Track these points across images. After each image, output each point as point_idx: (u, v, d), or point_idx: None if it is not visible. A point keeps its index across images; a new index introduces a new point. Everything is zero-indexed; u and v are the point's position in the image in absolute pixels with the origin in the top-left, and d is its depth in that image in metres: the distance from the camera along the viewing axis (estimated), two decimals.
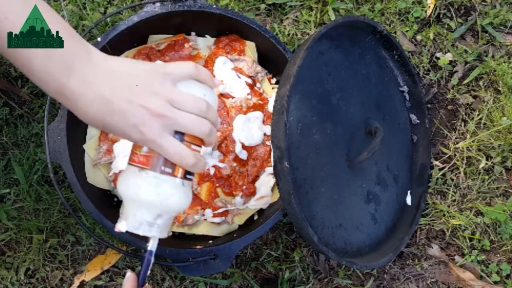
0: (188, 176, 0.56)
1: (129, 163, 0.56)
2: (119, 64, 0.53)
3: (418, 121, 0.93)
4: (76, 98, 0.50)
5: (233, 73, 0.87)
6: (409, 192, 0.91)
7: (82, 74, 0.50)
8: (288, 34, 0.99)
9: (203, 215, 0.83)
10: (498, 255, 0.91)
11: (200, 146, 0.56)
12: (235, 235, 0.82)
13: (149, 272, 0.57)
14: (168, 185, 0.54)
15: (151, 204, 0.54)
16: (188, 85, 0.55)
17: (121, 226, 0.56)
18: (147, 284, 0.58)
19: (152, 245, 0.57)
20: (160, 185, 0.54)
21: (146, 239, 0.58)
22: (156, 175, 0.54)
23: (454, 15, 1.02)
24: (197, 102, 0.54)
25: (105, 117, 0.51)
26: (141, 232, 0.55)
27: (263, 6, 1.00)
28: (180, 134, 0.53)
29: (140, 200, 0.54)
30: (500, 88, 0.98)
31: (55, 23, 0.50)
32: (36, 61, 0.48)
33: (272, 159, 0.81)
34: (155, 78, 0.52)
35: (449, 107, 0.99)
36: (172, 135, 0.53)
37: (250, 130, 0.84)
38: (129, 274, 0.57)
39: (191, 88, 0.55)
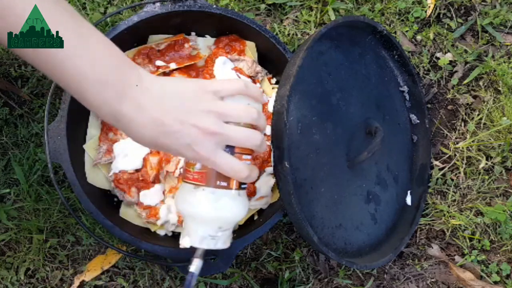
0: (243, 186, 0.58)
1: (184, 181, 0.57)
2: (169, 85, 0.54)
3: (418, 121, 0.93)
4: (128, 122, 0.51)
5: (233, 73, 0.87)
6: (409, 192, 0.91)
7: (134, 98, 0.51)
8: (288, 34, 0.99)
9: None
10: (498, 255, 0.91)
11: (250, 155, 0.58)
12: (235, 235, 0.82)
13: None
14: (225, 198, 0.56)
15: (211, 219, 0.57)
16: (237, 99, 0.56)
17: (185, 242, 0.58)
18: None
19: (195, 267, 0.60)
20: (217, 200, 0.56)
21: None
22: (212, 191, 0.56)
23: (454, 15, 1.02)
24: (248, 110, 0.56)
25: (158, 139, 0.52)
26: (205, 246, 0.58)
27: (263, 6, 1.00)
28: (230, 147, 0.55)
29: (200, 216, 0.56)
30: (500, 88, 0.98)
31: (113, 53, 0.51)
32: (89, 88, 0.49)
33: (272, 159, 0.81)
34: (205, 96, 0.54)
35: (449, 107, 0.99)
36: (223, 149, 0.55)
37: None
38: None
39: (240, 101, 0.57)
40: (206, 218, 0.56)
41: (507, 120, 0.95)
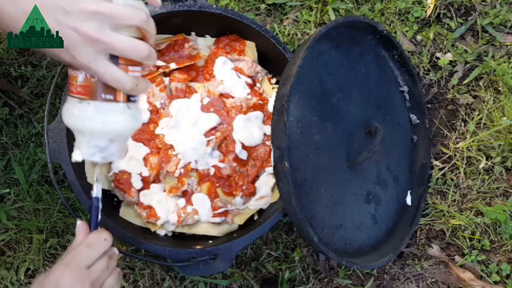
0: (132, 99, 0.55)
1: (68, 95, 0.54)
2: None
3: (418, 121, 0.93)
4: (0, 13, 0.48)
5: (233, 73, 0.87)
6: (409, 192, 0.91)
7: None
8: (288, 34, 0.99)
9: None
10: (498, 255, 0.91)
11: (139, 66, 0.55)
12: (235, 235, 0.82)
13: (99, 217, 0.60)
14: (112, 112, 0.53)
15: (100, 133, 0.54)
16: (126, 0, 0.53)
17: (77, 156, 0.56)
18: (99, 228, 0.60)
19: (96, 192, 0.60)
20: (104, 113, 0.53)
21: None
22: (97, 104, 0.53)
23: (454, 15, 1.02)
24: (136, 12, 0.51)
25: None
26: (97, 159, 0.56)
27: (263, 6, 1.00)
28: (114, 57, 0.52)
29: (88, 130, 0.54)
30: (500, 88, 0.98)
31: None
32: None
33: (272, 159, 0.81)
34: None
35: (449, 107, 0.99)
36: (107, 58, 0.51)
37: (250, 130, 0.84)
38: (79, 222, 0.60)
39: (128, 2, 0.52)
40: (95, 131, 0.54)
41: (507, 120, 0.94)
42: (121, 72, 0.52)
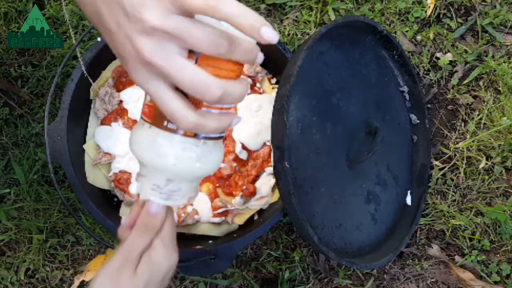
0: (203, 135, 0.44)
1: (154, 125, 0.44)
2: None
3: (418, 121, 0.93)
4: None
5: None
6: (409, 192, 0.91)
7: None
8: (288, 34, 0.99)
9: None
10: (498, 255, 0.91)
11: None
12: (235, 235, 0.82)
13: None
14: (169, 145, 0.43)
15: (154, 167, 0.45)
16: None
17: (133, 188, 0.51)
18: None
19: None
20: (160, 145, 0.43)
21: None
22: (156, 132, 0.43)
23: (454, 15, 1.02)
24: (220, 41, 0.38)
25: (98, 27, 0.42)
26: (153, 198, 0.47)
27: (263, 6, 1.00)
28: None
29: (143, 161, 0.45)
30: (500, 88, 0.98)
31: None
32: None
33: (272, 159, 0.81)
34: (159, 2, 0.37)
35: (449, 107, 0.99)
36: (166, 83, 0.39)
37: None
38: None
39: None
40: (149, 165, 0.45)
41: (507, 120, 0.95)
42: (179, 102, 0.39)
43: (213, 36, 0.37)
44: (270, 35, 0.37)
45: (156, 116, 0.43)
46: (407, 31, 1.01)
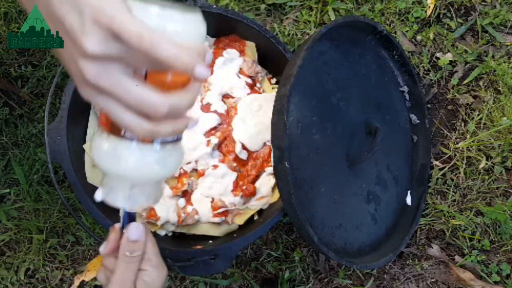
0: (165, 139, 0.45)
1: (115, 136, 0.45)
2: None
3: (418, 121, 0.93)
4: None
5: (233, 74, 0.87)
6: (409, 192, 0.91)
7: None
8: (288, 34, 0.99)
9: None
10: (498, 255, 0.91)
11: None
12: (235, 235, 0.82)
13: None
14: (129, 153, 0.44)
15: (117, 175, 0.46)
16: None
17: (97, 195, 0.49)
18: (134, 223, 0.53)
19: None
20: (120, 153, 0.44)
21: None
22: (114, 141, 0.44)
23: (454, 15, 1.02)
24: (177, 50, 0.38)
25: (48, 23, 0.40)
26: (119, 204, 0.48)
27: (263, 6, 1.00)
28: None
29: (106, 170, 0.46)
30: (500, 88, 0.98)
31: None
32: None
33: (272, 159, 0.81)
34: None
35: (449, 107, 0.99)
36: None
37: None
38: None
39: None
40: (112, 173, 0.46)
41: (507, 120, 0.95)
42: (130, 113, 0.40)
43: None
44: (203, 74, 0.39)
45: (113, 126, 0.43)
46: (407, 31, 1.01)
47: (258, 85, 0.89)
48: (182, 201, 0.82)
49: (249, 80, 0.88)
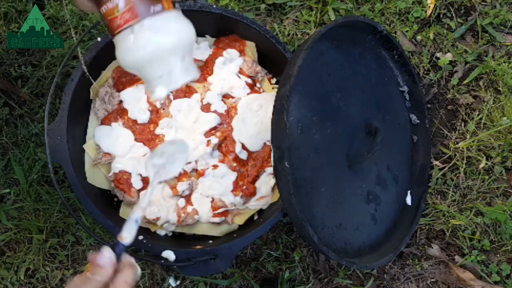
0: (176, 5, 0.53)
1: (116, 35, 0.51)
2: None
3: (418, 121, 0.93)
4: None
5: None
6: (409, 192, 0.91)
7: None
8: (288, 34, 0.99)
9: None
10: (498, 255, 0.91)
11: None
12: (235, 235, 0.82)
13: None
14: (169, 22, 0.51)
15: (170, 49, 0.51)
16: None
17: (160, 92, 0.53)
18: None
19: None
20: (162, 26, 0.50)
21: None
22: (151, 21, 0.50)
23: (454, 15, 1.02)
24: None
25: None
26: (181, 81, 0.53)
27: (263, 6, 1.00)
28: None
29: (159, 54, 0.51)
30: (500, 88, 0.98)
31: None
32: None
33: (272, 159, 0.81)
34: None
35: (449, 107, 0.99)
36: None
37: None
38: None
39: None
40: (166, 49, 0.51)
41: (507, 120, 0.95)
42: None
43: None
44: None
45: (141, 10, 0.49)
46: (407, 31, 1.01)
47: (258, 85, 0.89)
48: (182, 201, 0.82)
49: (249, 80, 0.88)
